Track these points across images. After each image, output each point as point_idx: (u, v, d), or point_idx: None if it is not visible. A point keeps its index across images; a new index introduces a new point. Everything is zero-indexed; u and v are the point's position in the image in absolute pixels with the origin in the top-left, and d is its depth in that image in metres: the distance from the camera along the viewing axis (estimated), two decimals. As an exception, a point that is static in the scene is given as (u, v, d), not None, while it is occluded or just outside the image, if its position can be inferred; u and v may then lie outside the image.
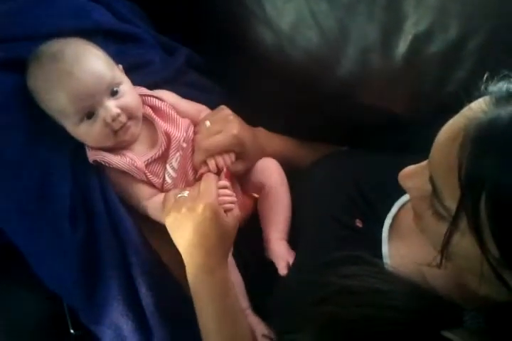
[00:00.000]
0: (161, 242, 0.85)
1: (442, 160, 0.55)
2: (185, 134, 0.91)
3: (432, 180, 0.57)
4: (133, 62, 0.96)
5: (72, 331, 0.93)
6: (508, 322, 0.55)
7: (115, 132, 0.86)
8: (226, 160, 0.89)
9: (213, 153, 0.89)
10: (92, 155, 0.88)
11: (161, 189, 0.90)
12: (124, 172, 0.88)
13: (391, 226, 0.75)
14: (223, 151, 0.89)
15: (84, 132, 0.86)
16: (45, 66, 0.84)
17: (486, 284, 0.55)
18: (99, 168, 0.89)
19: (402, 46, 0.90)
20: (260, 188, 0.94)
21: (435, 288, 0.60)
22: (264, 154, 0.96)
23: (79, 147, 0.89)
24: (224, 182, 0.83)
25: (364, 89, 0.94)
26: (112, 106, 0.84)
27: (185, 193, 0.80)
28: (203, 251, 0.77)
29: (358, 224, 0.77)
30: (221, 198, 0.80)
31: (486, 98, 0.55)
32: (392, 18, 0.90)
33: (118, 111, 0.84)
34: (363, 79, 0.93)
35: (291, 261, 0.82)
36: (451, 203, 0.53)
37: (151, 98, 0.93)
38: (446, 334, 0.58)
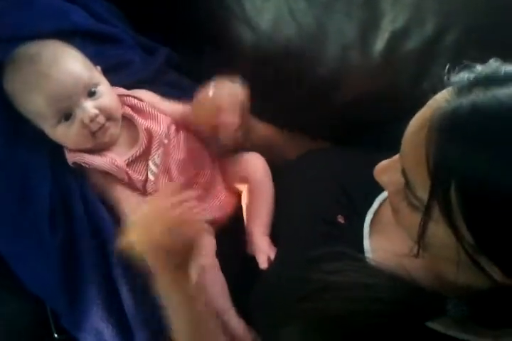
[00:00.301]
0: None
1: (411, 151, 0.57)
2: (166, 130, 0.91)
3: (403, 172, 0.58)
4: (112, 63, 0.97)
5: (55, 335, 0.93)
6: (490, 309, 0.56)
7: (93, 133, 0.86)
8: (234, 118, 0.87)
9: (225, 111, 0.87)
10: (71, 157, 0.88)
11: (143, 187, 0.89)
12: (103, 174, 0.88)
13: (372, 221, 0.76)
14: (234, 109, 0.88)
15: (63, 134, 0.86)
16: (22, 69, 0.84)
17: (465, 272, 0.56)
18: (79, 169, 0.89)
19: (380, 43, 0.91)
20: (245, 183, 0.94)
21: (417, 280, 0.61)
22: (249, 137, 0.95)
23: (58, 148, 0.89)
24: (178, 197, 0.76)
25: (343, 86, 0.95)
26: (89, 106, 0.84)
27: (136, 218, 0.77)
28: (161, 271, 0.76)
29: (340, 220, 0.78)
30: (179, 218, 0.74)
31: (449, 88, 0.57)
32: (370, 16, 0.91)
33: (96, 111, 0.84)
34: (342, 76, 0.95)
35: (272, 255, 0.83)
36: (423, 193, 0.54)
37: (130, 98, 0.93)
38: (430, 324, 0.59)
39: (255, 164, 0.94)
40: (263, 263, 0.82)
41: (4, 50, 0.87)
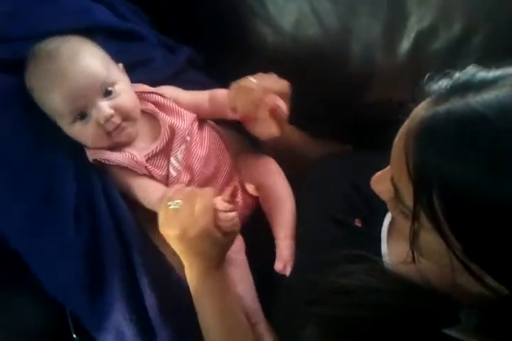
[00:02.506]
0: (164, 240, 0.85)
1: (395, 160, 0.58)
2: (190, 126, 0.92)
3: (392, 181, 0.59)
4: (135, 60, 0.98)
5: (74, 336, 0.94)
6: (500, 320, 0.56)
7: (109, 133, 0.86)
8: (281, 101, 0.86)
9: (268, 93, 0.85)
10: (91, 154, 0.89)
11: (166, 182, 0.91)
12: (125, 169, 0.89)
13: (390, 225, 0.77)
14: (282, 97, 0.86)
15: (79, 132, 0.87)
16: (40, 65, 0.85)
17: (466, 280, 0.56)
18: (101, 166, 0.90)
19: (406, 43, 0.92)
20: (259, 187, 0.95)
21: (433, 286, 0.61)
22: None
23: (81, 146, 0.90)
24: (226, 204, 0.80)
25: (368, 87, 0.96)
26: (104, 106, 0.85)
27: (178, 203, 0.78)
28: (197, 260, 0.79)
29: (358, 223, 0.79)
30: (221, 224, 0.78)
31: (429, 98, 0.58)
32: (396, 16, 0.92)
33: (111, 111, 0.85)
34: (367, 77, 0.95)
35: (290, 264, 0.83)
36: (410, 202, 0.55)
37: (154, 95, 0.94)
38: (447, 331, 0.59)
39: (269, 168, 0.96)
40: (278, 267, 0.83)
41: (28, 47, 0.88)
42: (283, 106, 0.86)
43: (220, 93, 0.94)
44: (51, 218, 0.87)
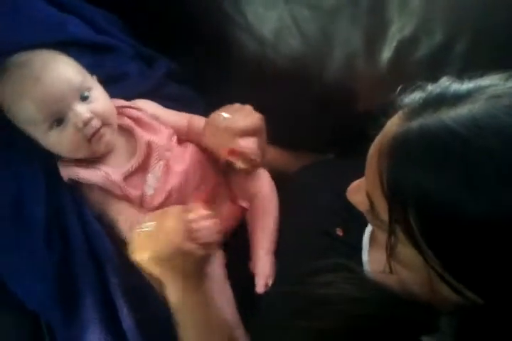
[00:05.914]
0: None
1: (369, 176, 0.59)
2: (167, 142, 0.93)
3: (368, 195, 0.59)
4: (110, 74, 0.99)
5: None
6: (478, 327, 0.56)
7: (89, 140, 0.86)
8: (254, 144, 0.88)
9: (243, 136, 0.87)
10: (65, 172, 0.89)
11: (140, 202, 0.91)
12: (99, 188, 0.89)
13: (372, 233, 0.77)
14: (253, 134, 0.88)
15: (56, 140, 0.86)
16: (12, 75, 0.86)
17: (443, 288, 0.56)
18: (74, 184, 0.90)
19: (387, 52, 0.94)
20: (250, 198, 0.96)
21: (413, 294, 0.62)
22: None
23: (52, 163, 0.90)
24: (197, 214, 0.77)
25: (349, 96, 0.97)
26: (83, 109, 0.85)
27: (149, 226, 0.76)
28: (176, 278, 0.77)
29: (339, 232, 0.79)
30: (197, 235, 0.75)
31: (401, 112, 0.58)
32: (376, 24, 0.94)
33: (90, 115, 0.85)
34: (348, 85, 0.97)
35: (271, 280, 0.84)
36: (385, 216, 0.56)
37: (129, 109, 0.94)
38: (425, 339, 0.59)
39: (262, 179, 0.96)
40: (260, 288, 0.84)
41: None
42: (251, 147, 0.88)
43: (198, 122, 0.96)
44: (21, 237, 0.87)
